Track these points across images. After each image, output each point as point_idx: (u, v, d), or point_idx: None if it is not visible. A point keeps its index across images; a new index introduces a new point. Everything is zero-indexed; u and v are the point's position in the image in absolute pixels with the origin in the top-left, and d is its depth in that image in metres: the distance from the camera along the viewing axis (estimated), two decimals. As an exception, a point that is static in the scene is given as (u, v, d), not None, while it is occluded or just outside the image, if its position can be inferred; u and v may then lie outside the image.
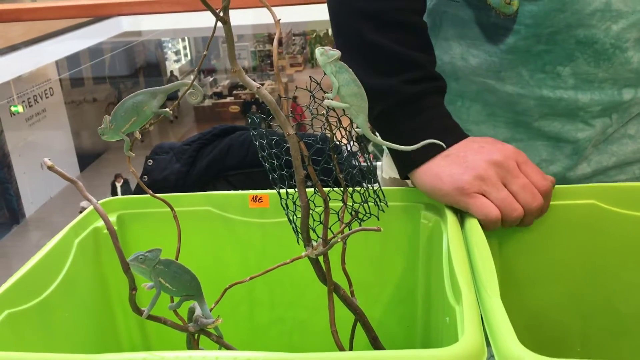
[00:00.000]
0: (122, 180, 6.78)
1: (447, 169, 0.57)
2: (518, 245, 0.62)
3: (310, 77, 0.47)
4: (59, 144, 8.81)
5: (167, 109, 0.47)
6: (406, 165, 0.60)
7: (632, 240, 0.62)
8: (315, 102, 0.47)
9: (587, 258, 0.63)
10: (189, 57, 14.47)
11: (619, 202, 0.61)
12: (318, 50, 0.45)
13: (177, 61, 13.80)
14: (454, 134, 0.60)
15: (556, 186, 0.61)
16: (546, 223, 0.60)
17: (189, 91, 0.46)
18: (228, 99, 13.66)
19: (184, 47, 14.91)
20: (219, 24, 0.40)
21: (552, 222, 0.61)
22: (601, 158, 0.70)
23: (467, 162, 0.56)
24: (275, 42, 0.47)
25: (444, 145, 0.49)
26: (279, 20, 0.46)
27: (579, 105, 0.66)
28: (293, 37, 13.52)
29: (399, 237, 0.62)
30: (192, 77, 0.47)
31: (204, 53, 0.47)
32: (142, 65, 11.98)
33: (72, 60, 9.14)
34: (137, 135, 0.47)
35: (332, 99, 0.46)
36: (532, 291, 0.65)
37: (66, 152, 8.75)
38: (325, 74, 0.46)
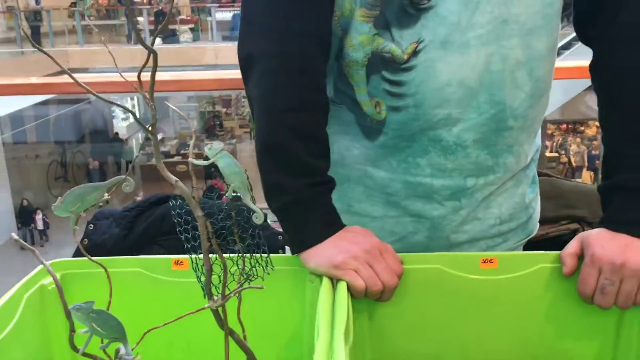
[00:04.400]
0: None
1: (328, 252, 0.75)
2: (383, 304, 0.79)
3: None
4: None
5: (107, 196, 0.62)
6: (297, 247, 0.78)
7: (472, 297, 0.80)
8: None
9: (438, 312, 0.81)
10: (138, 115, 14.49)
11: (460, 267, 0.80)
12: (206, 147, 0.63)
13: (124, 119, 13.83)
14: (335, 226, 0.78)
15: (410, 254, 0.79)
16: (402, 283, 0.78)
17: (123, 183, 0.62)
18: (176, 159, 13.68)
19: (133, 106, 15.00)
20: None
21: (408, 282, 0.78)
22: (457, 236, 0.89)
23: (343, 247, 0.75)
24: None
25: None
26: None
27: (434, 189, 0.86)
28: (243, 99, 13.79)
29: (290, 293, 0.78)
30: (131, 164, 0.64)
31: (149, 126, 0.62)
32: (88, 123, 11.97)
33: (15, 118, 9.10)
34: (82, 214, 0.63)
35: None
36: (398, 341, 0.82)
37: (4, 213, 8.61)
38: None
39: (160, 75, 1.65)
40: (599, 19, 0.79)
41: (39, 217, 8.96)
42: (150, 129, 0.61)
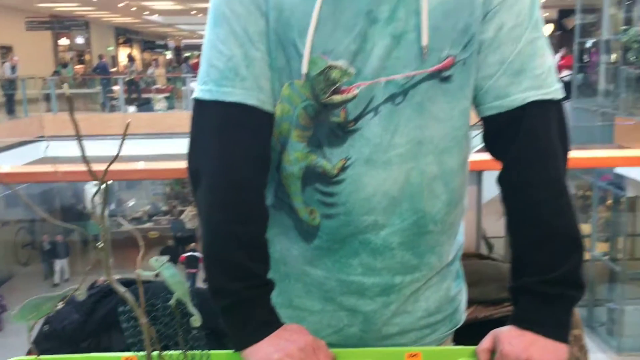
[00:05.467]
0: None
1: (266, 349, 0.83)
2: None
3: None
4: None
5: (59, 305, 0.70)
6: (239, 345, 0.86)
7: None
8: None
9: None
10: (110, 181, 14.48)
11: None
12: (152, 260, 0.71)
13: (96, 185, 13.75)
14: (273, 326, 0.86)
15: (341, 349, 0.87)
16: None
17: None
18: (147, 225, 13.59)
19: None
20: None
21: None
22: (389, 328, 0.98)
23: (279, 346, 0.83)
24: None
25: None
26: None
27: (365, 286, 0.95)
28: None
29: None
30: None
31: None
32: (56, 196, 11.87)
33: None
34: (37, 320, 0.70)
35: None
36: None
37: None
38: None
39: (132, 165, 1.75)
40: (503, 139, 0.91)
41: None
42: (101, 246, 0.69)
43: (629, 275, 9.62)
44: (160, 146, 12.43)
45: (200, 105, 0.89)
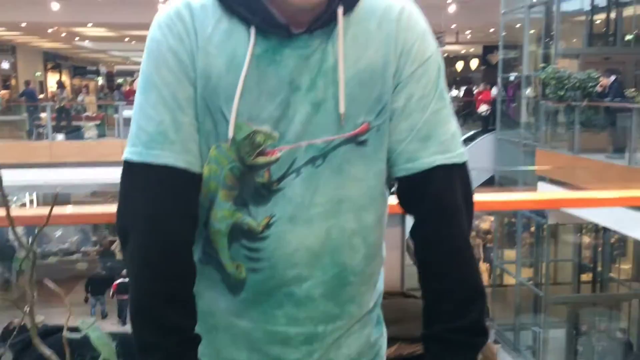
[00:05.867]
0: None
1: None
2: None
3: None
4: None
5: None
6: None
7: None
8: None
9: None
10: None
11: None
12: (79, 322, 0.74)
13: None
14: None
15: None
16: None
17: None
18: (75, 256, 13.10)
19: (30, 201, 14.40)
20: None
21: None
22: None
23: None
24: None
25: None
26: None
27: (289, 336, 1.00)
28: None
29: None
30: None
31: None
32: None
33: None
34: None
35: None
36: None
37: None
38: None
39: (57, 210, 1.73)
40: (414, 197, 0.99)
41: None
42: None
43: (551, 299, 10.07)
44: (90, 175, 12.09)
45: (130, 167, 0.93)
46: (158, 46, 0.92)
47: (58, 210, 1.73)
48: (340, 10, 0.92)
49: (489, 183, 12.92)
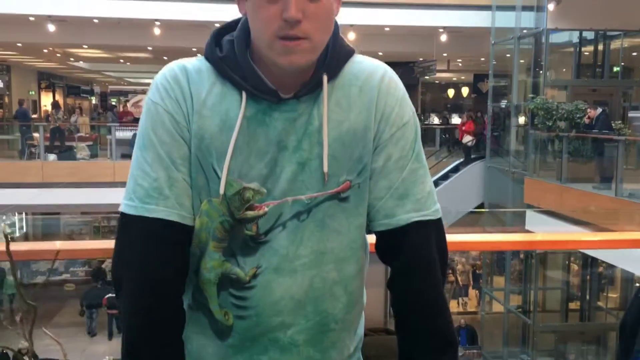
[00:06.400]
0: None
1: None
2: None
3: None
4: None
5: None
6: None
7: None
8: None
9: None
10: (24, 230, 13.87)
11: None
12: None
13: (11, 233, 13.13)
14: None
15: None
16: None
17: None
18: (64, 276, 13.00)
19: (20, 220, 14.34)
20: None
21: None
22: None
23: None
24: None
25: None
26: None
27: None
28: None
29: None
30: None
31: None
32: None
33: None
34: None
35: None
36: None
37: None
38: None
39: (49, 245, 1.78)
40: (391, 251, 1.06)
41: None
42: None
43: (539, 327, 10.11)
44: (81, 196, 12.09)
45: (126, 219, 0.99)
46: (156, 108, 0.99)
47: (50, 245, 1.78)
48: (325, 78, 0.99)
49: (479, 209, 13.03)
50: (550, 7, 10.92)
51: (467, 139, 13.71)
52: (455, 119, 20.96)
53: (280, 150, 0.99)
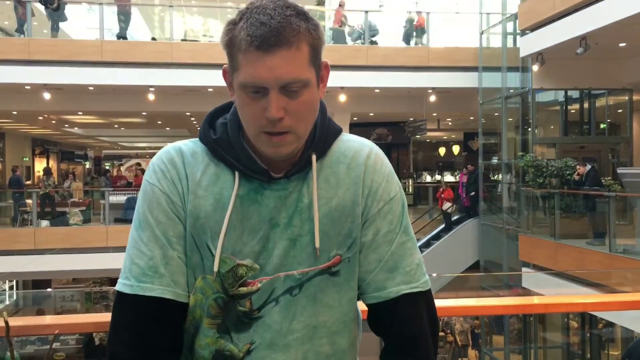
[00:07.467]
0: None
1: None
2: None
3: None
4: None
5: None
6: None
7: None
8: None
9: None
10: (14, 298, 13.65)
11: None
12: None
13: (1, 301, 12.93)
14: None
15: None
16: None
17: None
18: (55, 345, 12.68)
19: (10, 287, 14.14)
20: None
21: None
22: None
23: None
24: None
25: None
26: None
27: None
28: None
29: None
30: None
31: None
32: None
33: None
34: None
35: None
36: None
37: None
38: None
39: (46, 320, 1.78)
40: (383, 323, 1.07)
41: None
42: None
43: (541, 389, 9.87)
44: (74, 262, 11.98)
45: (121, 298, 1.01)
46: (152, 189, 1.03)
47: (47, 320, 1.77)
48: (314, 157, 1.03)
49: (475, 266, 12.97)
50: (535, 67, 11.24)
51: (447, 205, 13.82)
52: (448, 177, 21.16)
53: (272, 227, 1.02)
